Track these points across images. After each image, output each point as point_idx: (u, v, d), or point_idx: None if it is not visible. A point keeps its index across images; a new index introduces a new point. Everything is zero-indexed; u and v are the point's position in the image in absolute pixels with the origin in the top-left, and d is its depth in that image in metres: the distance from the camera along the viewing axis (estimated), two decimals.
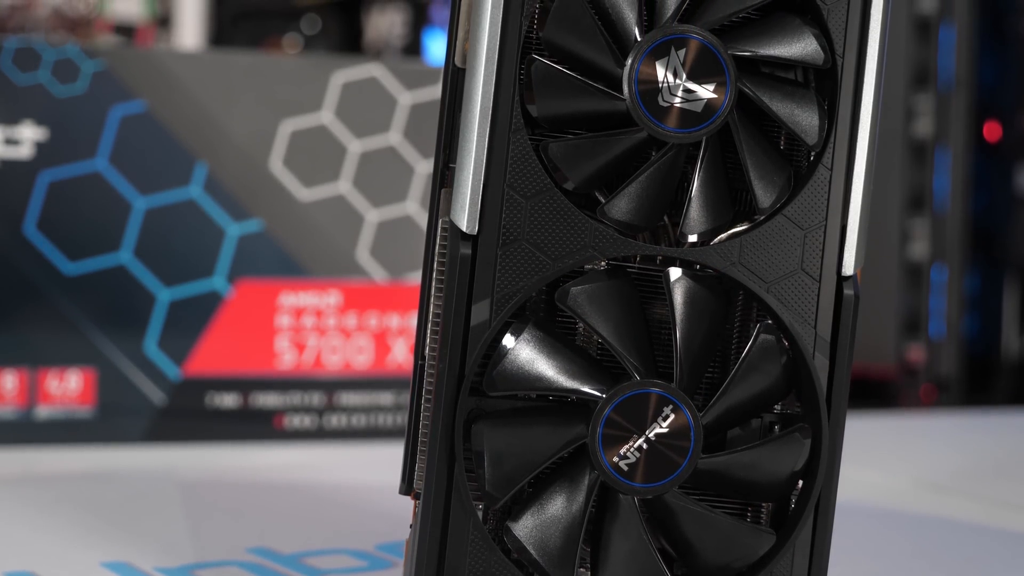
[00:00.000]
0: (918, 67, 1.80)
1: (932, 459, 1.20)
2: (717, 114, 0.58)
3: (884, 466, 1.12)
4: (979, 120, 1.85)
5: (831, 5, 0.60)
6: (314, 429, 1.20)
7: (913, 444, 1.30)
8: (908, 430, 1.40)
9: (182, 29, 2.28)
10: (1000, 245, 1.88)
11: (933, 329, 1.79)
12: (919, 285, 1.79)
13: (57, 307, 1.13)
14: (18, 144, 1.13)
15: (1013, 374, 1.86)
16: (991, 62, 1.88)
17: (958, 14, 1.80)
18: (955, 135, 1.80)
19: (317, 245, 1.20)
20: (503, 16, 0.58)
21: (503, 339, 0.58)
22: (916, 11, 1.79)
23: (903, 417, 1.53)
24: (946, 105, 1.79)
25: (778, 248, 0.59)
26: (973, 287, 1.87)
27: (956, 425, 1.48)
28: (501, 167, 0.57)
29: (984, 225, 1.88)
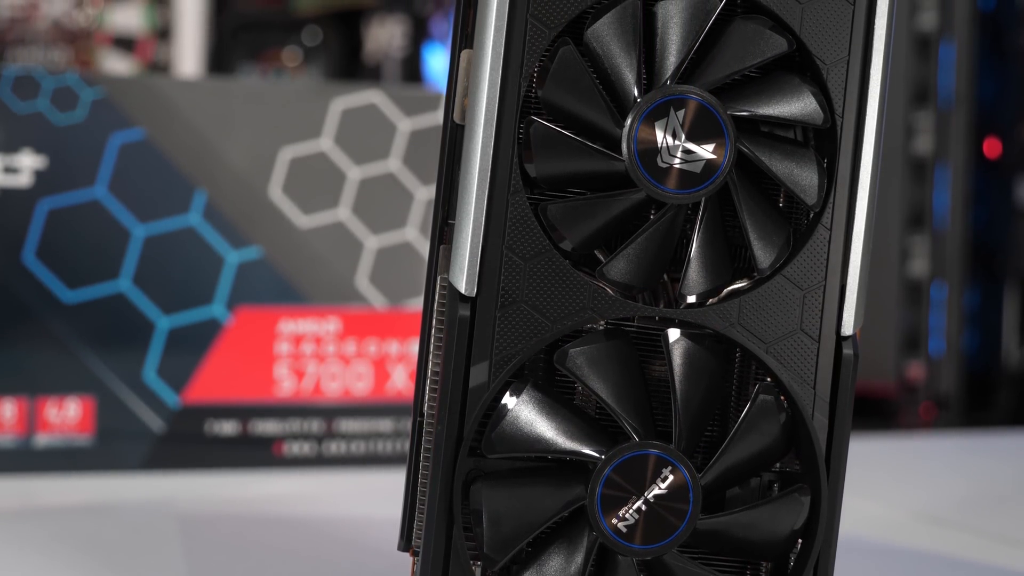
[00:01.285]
0: (918, 84, 1.80)
1: (932, 487, 1.19)
2: (716, 175, 0.58)
3: (883, 495, 1.12)
4: (979, 137, 1.85)
5: (831, 65, 0.60)
6: (313, 456, 1.20)
7: (912, 470, 1.30)
8: (907, 454, 1.40)
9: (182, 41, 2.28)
10: (1000, 261, 1.88)
11: (933, 346, 1.79)
12: (919, 302, 1.79)
13: (56, 335, 1.13)
14: (17, 172, 1.13)
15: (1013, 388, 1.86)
16: (991, 78, 1.88)
17: (958, 31, 1.80)
18: (955, 152, 1.79)
19: (316, 272, 1.20)
20: (502, 77, 0.58)
21: (502, 400, 0.58)
22: (916, 28, 1.79)
23: (902, 438, 1.53)
24: (946, 122, 1.79)
25: (777, 308, 0.59)
26: (973, 302, 1.87)
27: (956, 447, 1.48)
28: (500, 229, 0.57)
29: (984, 241, 1.87)
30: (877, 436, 1.48)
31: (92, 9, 2.27)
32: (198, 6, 2.29)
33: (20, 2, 2.25)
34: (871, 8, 0.60)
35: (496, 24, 0.58)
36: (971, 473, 1.28)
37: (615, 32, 0.58)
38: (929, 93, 1.80)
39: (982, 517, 1.06)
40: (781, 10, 0.59)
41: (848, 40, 0.60)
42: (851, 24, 0.60)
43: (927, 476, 1.28)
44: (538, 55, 0.58)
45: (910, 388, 1.78)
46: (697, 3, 0.58)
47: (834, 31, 0.60)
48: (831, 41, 0.60)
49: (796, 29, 0.59)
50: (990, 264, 1.88)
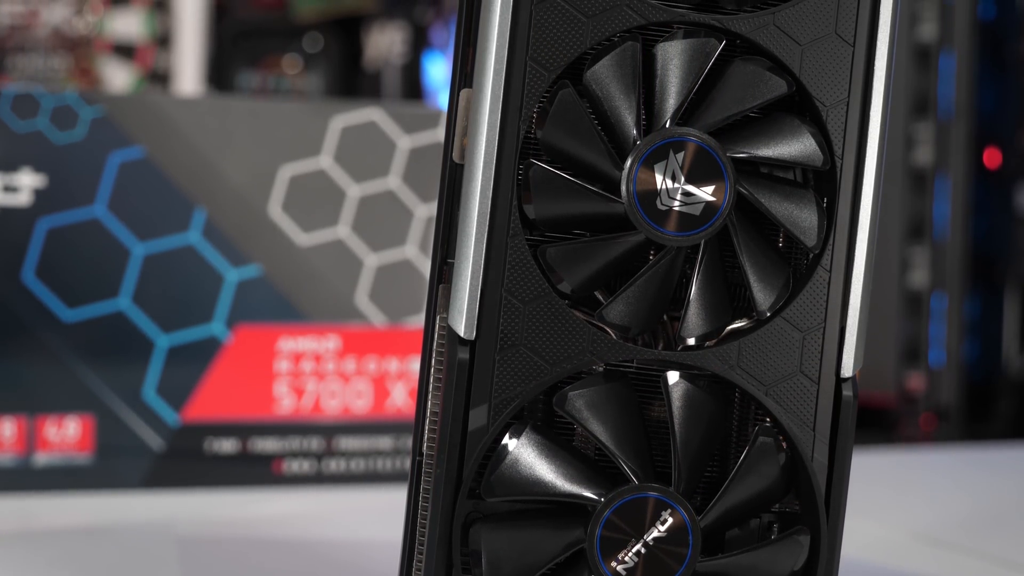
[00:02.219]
0: (918, 95, 1.79)
1: (932, 506, 1.19)
2: (716, 217, 0.58)
3: (883, 515, 1.11)
4: (979, 147, 1.85)
5: (830, 106, 0.59)
6: (313, 474, 1.20)
7: (912, 486, 1.30)
8: (907, 468, 1.40)
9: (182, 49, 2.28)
10: (1000, 270, 1.88)
11: (933, 357, 1.79)
12: (919, 313, 1.79)
13: (55, 354, 1.13)
14: (17, 191, 1.13)
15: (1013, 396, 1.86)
16: (991, 88, 1.88)
17: (958, 42, 1.79)
18: (955, 163, 1.79)
19: (316, 290, 1.20)
20: (501, 119, 0.58)
21: (501, 443, 0.58)
22: (916, 40, 1.79)
23: (902, 452, 1.53)
24: (946, 133, 1.79)
25: (777, 351, 0.59)
26: (973, 312, 1.87)
27: (956, 461, 1.48)
28: (499, 272, 0.57)
29: (984, 250, 1.87)
30: (877, 450, 1.48)
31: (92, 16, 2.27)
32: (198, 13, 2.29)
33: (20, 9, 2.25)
34: (871, 50, 0.60)
35: (495, 67, 0.58)
36: (972, 489, 1.28)
37: (614, 74, 0.58)
38: (929, 104, 1.79)
39: (983, 538, 1.06)
40: (780, 51, 0.59)
41: (848, 82, 0.60)
42: (851, 65, 0.60)
43: (927, 493, 1.27)
44: (537, 97, 0.58)
45: (910, 399, 1.78)
46: (696, 45, 0.58)
47: (834, 72, 0.60)
48: (831, 82, 0.60)
49: (796, 71, 0.59)
50: (990, 273, 1.88)
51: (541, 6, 0.58)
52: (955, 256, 1.78)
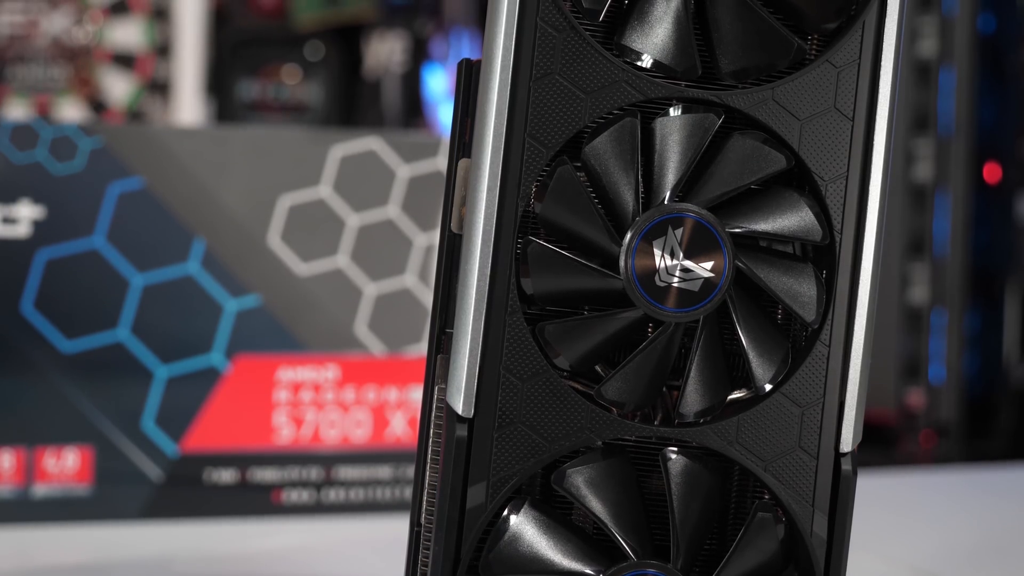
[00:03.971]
0: (918, 111, 1.79)
1: (934, 536, 1.19)
2: (715, 293, 0.58)
3: (883, 547, 1.11)
4: (979, 162, 1.85)
5: (829, 181, 0.59)
6: (312, 504, 1.20)
7: (913, 513, 1.30)
8: (907, 493, 1.39)
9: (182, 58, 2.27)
10: (1000, 284, 1.88)
11: (933, 373, 1.79)
12: (919, 330, 1.79)
13: (54, 385, 1.13)
14: (15, 223, 1.13)
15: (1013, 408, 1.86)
16: (991, 102, 1.87)
17: (958, 58, 1.79)
18: (955, 179, 1.79)
19: (315, 319, 1.20)
20: (499, 196, 0.58)
21: (500, 520, 0.58)
22: (916, 55, 1.79)
23: (902, 474, 1.53)
24: (946, 149, 1.79)
25: (775, 426, 0.59)
26: (973, 326, 1.87)
27: (956, 484, 1.47)
28: (497, 349, 0.57)
29: (984, 264, 1.87)
30: (876, 472, 1.48)
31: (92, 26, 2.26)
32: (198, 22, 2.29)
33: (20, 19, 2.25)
34: (870, 124, 0.60)
35: (494, 144, 0.57)
36: (975, 516, 1.28)
37: (613, 150, 0.58)
38: (929, 120, 1.79)
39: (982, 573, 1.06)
40: (779, 126, 0.59)
41: (847, 156, 0.59)
42: (850, 140, 0.59)
43: (928, 521, 1.27)
44: (536, 174, 0.58)
45: (910, 415, 1.78)
46: (695, 120, 0.58)
47: (833, 147, 0.59)
48: (830, 157, 0.59)
49: (795, 145, 0.59)
50: (990, 288, 1.88)
51: (539, 83, 0.58)
52: (955, 272, 1.78)
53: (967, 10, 1.81)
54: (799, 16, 0.60)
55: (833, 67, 0.59)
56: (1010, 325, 1.87)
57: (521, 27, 0.58)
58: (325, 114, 2.40)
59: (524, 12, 0.58)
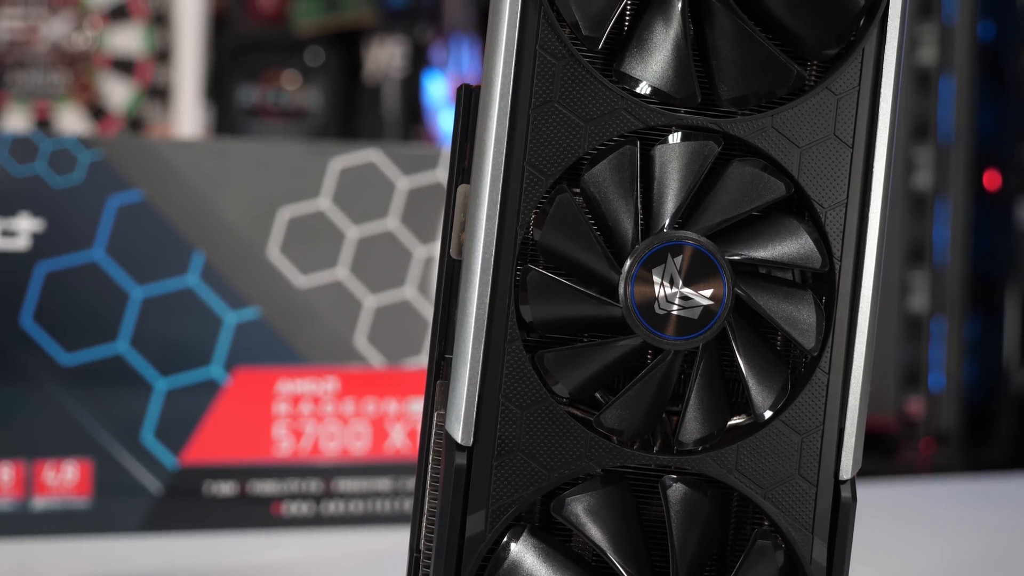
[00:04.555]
0: (918, 119, 1.79)
1: (932, 549, 1.19)
2: (714, 320, 0.58)
3: (885, 562, 1.11)
4: (979, 169, 1.84)
5: (828, 208, 0.59)
6: (312, 516, 1.20)
7: (912, 526, 1.29)
8: (906, 505, 1.39)
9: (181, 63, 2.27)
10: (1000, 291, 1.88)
11: (933, 381, 1.79)
12: (919, 337, 1.79)
13: (54, 398, 1.13)
14: (15, 236, 1.13)
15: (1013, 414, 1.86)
16: (991, 109, 1.87)
17: (958, 66, 1.79)
18: (955, 186, 1.79)
19: (315, 332, 1.19)
20: (499, 224, 0.58)
21: (499, 547, 0.58)
22: (916, 63, 1.78)
23: (901, 484, 1.53)
24: (946, 157, 1.79)
25: (775, 453, 0.59)
26: (973, 332, 1.87)
27: (955, 494, 1.47)
28: (496, 378, 0.57)
29: (984, 271, 1.87)
30: (875, 481, 1.48)
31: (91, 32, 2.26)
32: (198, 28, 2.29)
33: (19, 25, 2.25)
34: (869, 151, 0.60)
35: (492, 172, 0.57)
36: (973, 529, 1.27)
37: (612, 178, 0.58)
38: (929, 128, 1.79)
39: None
40: (779, 154, 0.59)
41: (847, 183, 0.59)
42: (849, 167, 0.59)
43: (928, 533, 1.27)
44: (535, 202, 0.58)
45: (910, 423, 1.78)
46: (695, 148, 0.58)
47: (832, 174, 0.59)
48: (829, 184, 0.59)
49: (794, 173, 0.59)
50: (990, 295, 1.88)
51: (539, 111, 0.58)
52: (955, 280, 1.78)
53: (967, 17, 1.81)
54: (798, 43, 0.60)
55: (833, 94, 0.59)
56: (1010, 331, 1.87)
57: (520, 55, 0.57)
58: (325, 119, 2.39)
59: (523, 40, 0.58)
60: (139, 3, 2.28)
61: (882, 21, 0.60)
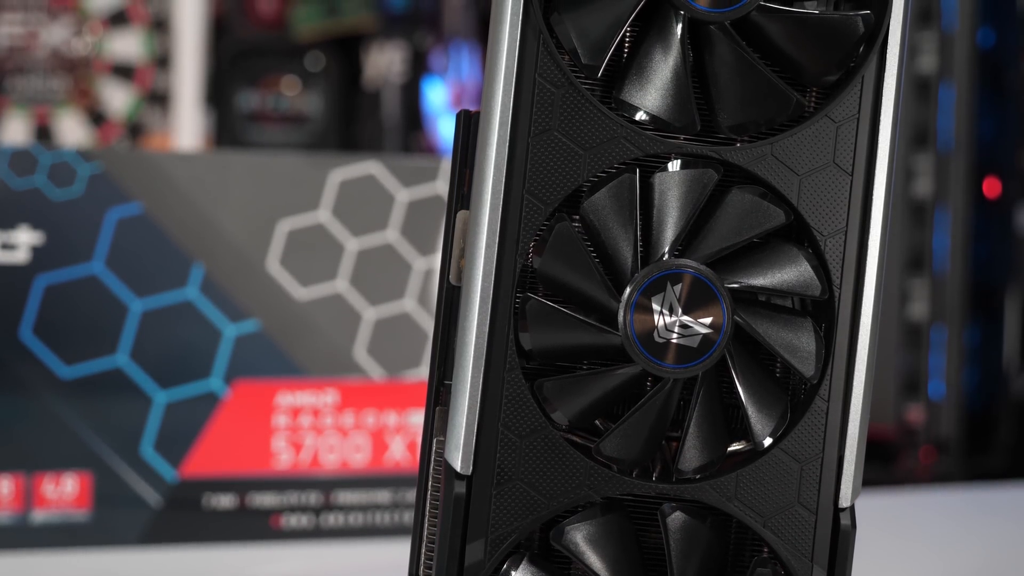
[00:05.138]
0: (918, 127, 1.79)
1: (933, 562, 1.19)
2: (714, 348, 0.58)
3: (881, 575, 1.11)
4: (979, 177, 1.84)
5: (828, 235, 0.59)
6: (311, 528, 1.20)
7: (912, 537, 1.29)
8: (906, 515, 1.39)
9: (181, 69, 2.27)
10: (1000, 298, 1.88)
11: (933, 389, 1.79)
12: (919, 345, 1.79)
13: (53, 411, 1.13)
14: (14, 249, 1.13)
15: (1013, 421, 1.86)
16: (990, 116, 1.87)
17: (958, 73, 1.79)
18: (955, 194, 1.79)
19: (314, 344, 1.19)
20: (498, 252, 0.57)
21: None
22: (916, 71, 1.78)
23: (901, 494, 1.53)
24: (946, 165, 1.79)
25: (774, 482, 0.59)
26: (973, 339, 1.87)
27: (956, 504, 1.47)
28: (495, 407, 0.57)
29: (984, 279, 1.87)
30: (876, 491, 1.48)
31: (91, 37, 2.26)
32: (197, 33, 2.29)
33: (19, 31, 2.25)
34: (869, 179, 0.60)
35: (492, 201, 0.57)
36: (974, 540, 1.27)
37: (612, 206, 0.58)
38: (929, 136, 1.79)
39: None
40: (778, 181, 0.59)
41: (846, 211, 0.59)
42: (848, 195, 0.59)
43: (927, 546, 1.27)
44: (534, 231, 0.58)
45: (910, 431, 1.78)
46: (694, 176, 0.58)
47: (832, 202, 0.59)
48: (829, 212, 0.59)
49: (793, 200, 0.59)
50: (990, 302, 1.88)
51: (538, 139, 0.58)
52: (955, 288, 1.78)
53: (967, 25, 1.81)
54: (798, 70, 0.60)
55: (832, 122, 0.59)
56: (1010, 337, 1.87)
57: (520, 83, 0.57)
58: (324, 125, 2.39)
59: (523, 68, 0.58)
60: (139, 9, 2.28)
61: (881, 48, 0.60)
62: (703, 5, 0.58)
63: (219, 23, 2.42)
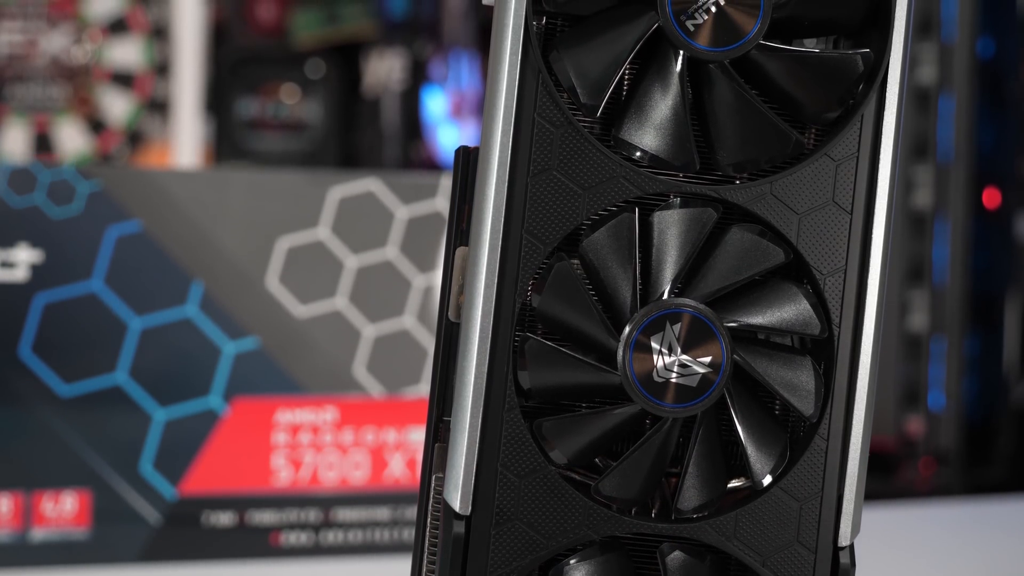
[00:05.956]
0: (918, 138, 1.79)
1: None
2: (713, 388, 0.58)
3: None
4: (979, 187, 1.84)
5: (827, 274, 0.59)
6: (311, 546, 1.20)
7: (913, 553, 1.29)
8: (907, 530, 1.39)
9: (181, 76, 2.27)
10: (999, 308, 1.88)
11: (932, 400, 1.79)
12: (918, 356, 1.79)
13: (52, 429, 1.13)
14: (13, 267, 1.13)
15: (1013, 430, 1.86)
16: (990, 126, 1.87)
17: (958, 84, 1.79)
18: (955, 205, 1.79)
19: (314, 362, 1.19)
20: (497, 291, 0.57)
21: None
22: (916, 83, 1.78)
23: (901, 508, 1.53)
24: (945, 176, 1.79)
25: (774, 521, 0.59)
26: (973, 349, 1.87)
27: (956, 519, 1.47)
28: (495, 446, 0.57)
29: (984, 288, 1.87)
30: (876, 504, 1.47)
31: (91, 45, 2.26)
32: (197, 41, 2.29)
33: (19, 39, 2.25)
34: (868, 217, 0.60)
35: (491, 241, 0.57)
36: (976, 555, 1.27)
37: (611, 245, 0.58)
38: (928, 147, 1.79)
39: None
40: (778, 220, 0.59)
41: (845, 249, 0.59)
42: (848, 233, 0.59)
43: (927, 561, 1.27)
44: (533, 270, 0.58)
45: (909, 442, 1.78)
46: (693, 215, 0.58)
47: (831, 241, 0.59)
48: (828, 251, 0.59)
49: (793, 239, 0.59)
50: (990, 311, 1.88)
51: (537, 179, 0.58)
52: (955, 299, 1.78)
53: (966, 36, 1.81)
54: (797, 108, 0.60)
55: (832, 160, 0.59)
56: (1010, 345, 1.87)
57: (519, 122, 0.57)
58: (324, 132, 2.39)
59: (522, 107, 0.57)
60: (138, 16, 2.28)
61: (881, 86, 0.60)
62: (702, 44, 0.58)
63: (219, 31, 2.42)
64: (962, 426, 1.80)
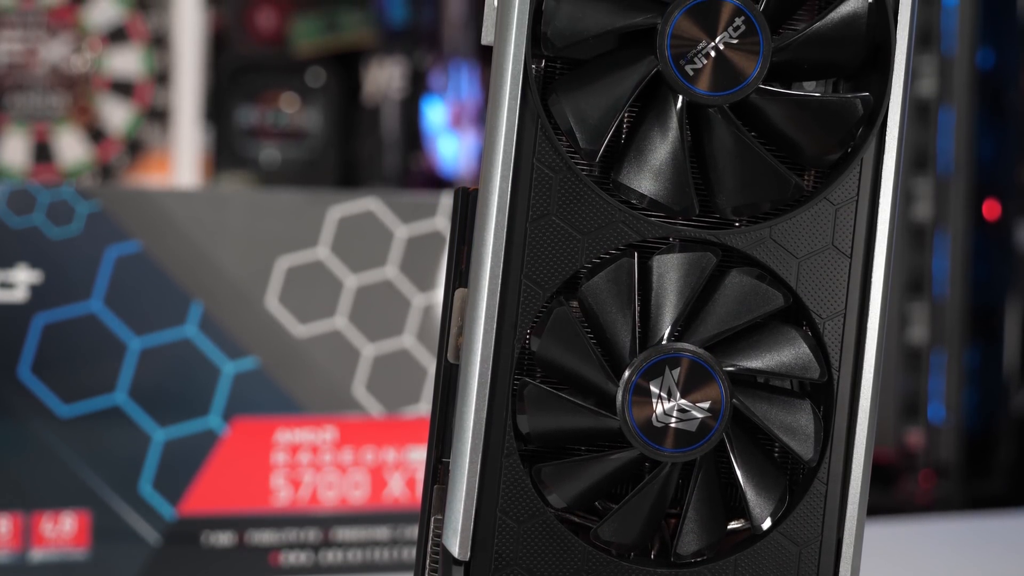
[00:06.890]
0: (917, 151, 1.79)
1: None
2: (712, 432, 0.58)
3: None
4: (979, 198, 1.84)
5: (827, 318, 0.59)
6: (310, 566, 1.19)
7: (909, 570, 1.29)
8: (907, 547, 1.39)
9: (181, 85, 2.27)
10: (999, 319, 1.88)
11: (932, 413, 1.79)
12: (918, 369, 1.79)
13: (51, 449, 1.13)
14: (12, 288, 1.13)
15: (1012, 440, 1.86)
16: (990, 138, 1.87)
17: (957, 96, 1.79)
18: (955, 217, 1.79)
19: (313, 381, 1.19)
20: (496, 336, 0.57)
21: None
22: (916, 94, 1.78)
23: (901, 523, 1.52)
24: (945, 188, 1.79)
25: (773, 565, 0.59)
26: (973, 360, 1.87)
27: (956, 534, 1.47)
28: (494, 491, 0.57)
29: (984, 300, 1.87)
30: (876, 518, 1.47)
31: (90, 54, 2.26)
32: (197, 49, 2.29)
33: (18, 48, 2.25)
34: (868, 261, 0.60)
35: (490, 286, 0.57)
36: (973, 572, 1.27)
37: (610, 290, 0.58)
38: (928, 159, 1.79)
39: None
40: (777, 265, 0.59)
41: (845, 294, 0.59)
42: (847, 277, 0.59)
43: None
44: (532, 315, 0.58)
45: (909, 455, 1.78)
46: (692, 259, 0.58)
47: (831, 284, 0.59)
48: (827, 295, 0.59)
49: (792, 283, 0.59)
50: (990, 323, 1.88)
51: (536, 224, 0.57)
52: (955, 311, 1.78)
53: (966, 47, 1.81)
54: (797, 151, 0.60)
55: (831, 204, 0.59)
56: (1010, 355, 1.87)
57: (518, 167, 0.57)
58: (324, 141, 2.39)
59: (521, 153, 0.57)
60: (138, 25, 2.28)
61: (880, 130, 0.60)
62: (702, 89, 0.58)
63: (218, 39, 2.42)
64: (962, 438, 1.80)
